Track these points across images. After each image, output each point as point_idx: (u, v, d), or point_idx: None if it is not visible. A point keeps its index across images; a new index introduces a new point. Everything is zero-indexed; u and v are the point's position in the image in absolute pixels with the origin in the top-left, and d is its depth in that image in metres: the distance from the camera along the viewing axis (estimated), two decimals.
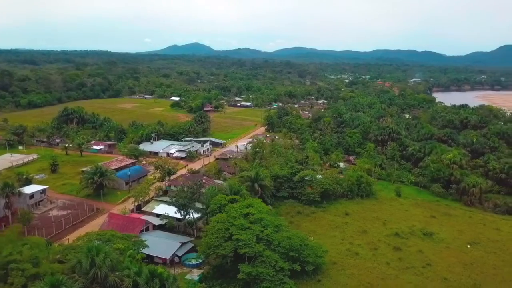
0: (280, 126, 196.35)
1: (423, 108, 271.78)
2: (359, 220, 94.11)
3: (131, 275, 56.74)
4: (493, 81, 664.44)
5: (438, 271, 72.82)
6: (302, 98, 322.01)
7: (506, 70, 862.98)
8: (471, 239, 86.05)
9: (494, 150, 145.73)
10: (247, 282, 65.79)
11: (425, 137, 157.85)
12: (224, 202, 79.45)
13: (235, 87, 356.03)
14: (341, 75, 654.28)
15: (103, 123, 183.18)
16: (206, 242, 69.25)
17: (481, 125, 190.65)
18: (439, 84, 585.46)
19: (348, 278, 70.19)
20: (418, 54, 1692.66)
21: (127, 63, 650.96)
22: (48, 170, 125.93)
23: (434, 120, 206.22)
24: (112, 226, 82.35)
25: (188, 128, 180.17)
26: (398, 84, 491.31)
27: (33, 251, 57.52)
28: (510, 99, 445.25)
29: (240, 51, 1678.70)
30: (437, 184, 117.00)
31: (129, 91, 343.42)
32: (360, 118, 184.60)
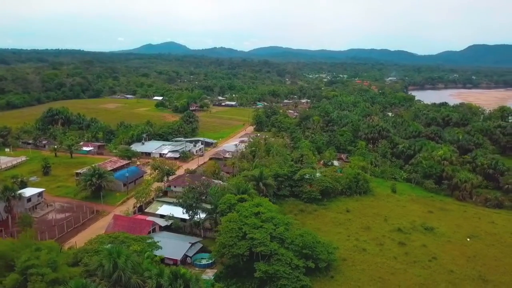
0: (268, 125, 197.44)
1: (404, 107, 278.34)
2: (361, 217, 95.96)
3: (153, 277, 56.57)
4: (465, 80, 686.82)
5: (443, 264, 75.20)
6: (285, 97, 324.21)
7: (476, 69, 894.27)
8: (469, 233, 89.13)
9: (478, 147, 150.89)
10: (263, 280, 66.33)
11: (413, 134, 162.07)
12: (234, 201, 79.67)
13: (218, 86, 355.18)
14: (319, 74, 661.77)
15: (90, 124, 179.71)
16: (221, 241, 69.36)
17: (462, 123, 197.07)
18: (414, 82, 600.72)
19: (360, 273, 71.65)
20: (391, 53, 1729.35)
21: (103, 62, 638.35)
22: (40, 172, 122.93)
23: (417, 118, 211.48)
24: (118, 228, 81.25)
25: (177, 128, 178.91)
26: (376, 83, 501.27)
27: (51, 255, 56.30)
28: (482, 97, 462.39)
29: (216, 50, 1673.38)
30: (429, 180, 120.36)
31: (109, 91, 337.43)
32: (348, 116, 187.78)
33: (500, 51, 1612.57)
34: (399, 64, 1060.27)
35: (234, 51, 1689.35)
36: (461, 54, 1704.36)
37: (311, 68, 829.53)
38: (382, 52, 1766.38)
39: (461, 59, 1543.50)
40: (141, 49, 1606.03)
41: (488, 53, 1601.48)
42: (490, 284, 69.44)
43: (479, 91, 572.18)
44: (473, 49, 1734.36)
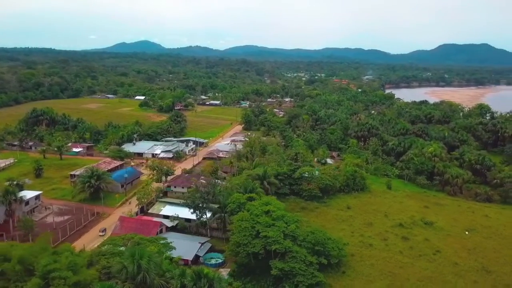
0: (257, 124, 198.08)
1: (385, 105, 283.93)
2: (362, 213, 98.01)
3: (176, 277, 56.54)
4: (438, 78, 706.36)
5: (447, 257, 77.93)
6: (268, 96, 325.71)
7: (447, 68, 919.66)
8: (466, 226, 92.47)
9: (463, 143, 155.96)
10: (278, 277, 67.16)
11: (401, 132, 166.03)
12: (243, 200, 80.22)
13: (200, 86, 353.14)
14: (297, 74, 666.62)
15: (76, 124, 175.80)
16: (235, 240, 69.82)
17: (444, 120, 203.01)
18: (390, 81, 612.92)
19: (369, 268, 73.44)
20: (365, 52, 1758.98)
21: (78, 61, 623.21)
22: (31, 174, 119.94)
23: (401, 116, 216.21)
24: (125, 230, 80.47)
25: (166, 128, 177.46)
26: (354, 82, 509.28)
27: (71, 258, 55.46)
28: (456, 95, 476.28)
29: (192, 49, 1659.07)
30: (422, 177, 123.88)
31: (88, 90, 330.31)
32: (336, 115, 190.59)
33: (469, 50, 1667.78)
34: (374, 63, 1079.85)
35: (210, 50, 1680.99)
36: (432, 53, 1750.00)
37: (288, 67, 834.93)
38: (356, 51, 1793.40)
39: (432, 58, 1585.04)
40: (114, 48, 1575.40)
41: (458, 52, 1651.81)
42: (493, 275, 72.45)
43: (452, 89, 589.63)
44: (444, 48, 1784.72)
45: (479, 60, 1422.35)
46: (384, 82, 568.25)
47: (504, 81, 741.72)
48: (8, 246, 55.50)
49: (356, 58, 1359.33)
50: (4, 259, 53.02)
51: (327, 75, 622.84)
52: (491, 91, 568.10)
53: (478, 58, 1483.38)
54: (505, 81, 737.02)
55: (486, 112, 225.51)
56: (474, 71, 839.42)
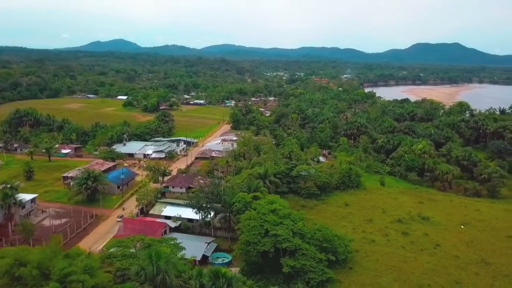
0: (245, 124, 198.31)
1: (367, 103, 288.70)
2: (360, 210, 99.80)
3: (194, 277, 56.57)
4: (414, 77, 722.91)
5: (447, 250, 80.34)
6: (252, 95, 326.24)
7: (422, 66, 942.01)
8: (461, 221, 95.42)
9: (448, 140, 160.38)
10: (288, 275, 67.86)
11: (388, 130, 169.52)
12: (248, 199, 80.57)
13: (182, 85, 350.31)
14: (277, 73, 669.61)
15: (62, 125, 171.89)
16: (245, 239, 70.09)
17: (427, 118, 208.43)
18: (368, 80, 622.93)
19: (375, 263, 75.00)
20: (341, 51, 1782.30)
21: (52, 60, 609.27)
22: (21, 177, 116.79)
23: (385, 114, 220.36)
24: (130, 231, 79.71)
25: (155, 128, 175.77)
26: (334, 81, 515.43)
27: (86, 261, 54.72)
28: (433, 93, 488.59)
29: (169, 47, 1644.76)
30: (413, 173, 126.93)
31: (68, 90, 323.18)
32: (324, 114, 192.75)
33: (441, 49, 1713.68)
34: (350, 61, 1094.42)
35: (187, 49, 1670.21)
36: (406, 52, 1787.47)
37: (267, 66, 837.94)
38: (332, 50, 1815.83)
39: (406, 56, 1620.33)
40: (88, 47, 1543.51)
41: (431, 51, 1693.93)
42: (492, 266, 75.08)
43: (428, 88, 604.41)
44: (417, 47, 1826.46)
45: (451, 59, 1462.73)
46: (362, 80, 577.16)
47: (476, 79, 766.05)
48: (21, 251, 54.24)
49: (332, 57, 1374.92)
50: (19, 264, 51.82)
51: (306, 74, 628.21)
52: (465, 89, 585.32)
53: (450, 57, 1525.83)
54: (477, 80, 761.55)
55: (466, 109, 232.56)
56: (447, 69, 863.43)
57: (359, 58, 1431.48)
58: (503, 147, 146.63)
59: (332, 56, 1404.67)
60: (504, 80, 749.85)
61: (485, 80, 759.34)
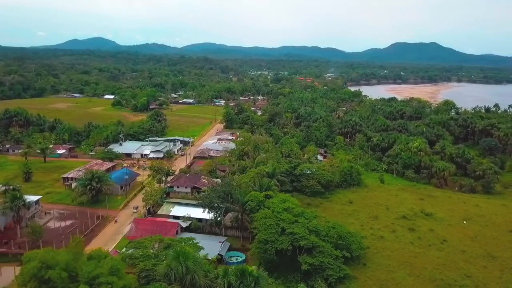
0: (238, 123, 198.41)
1: (354, 102, 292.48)
2: (364, 207, 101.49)
3: (221, 277, 56.78)
4: (395, 76, 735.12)
5: (454, 245, 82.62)
6: (240, 94, 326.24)
7: (401, 65, 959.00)
8: (463, 216, 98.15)
9: (439, 138, 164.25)
10: (306, 272, 68.69)
11: (382, 128, 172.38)
12: (261, 198, 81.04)
13: (169, 84, 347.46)
14: (260, 71, 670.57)
15: (54, 125, 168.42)
16: (262, 238, 70.58)
17: (416, 116, 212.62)
18: (351, 79, 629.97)
19: (387, 259, 76.58)
20: (322, 51, 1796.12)
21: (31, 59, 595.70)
22: (19, 178, 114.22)
23: (374, 113, 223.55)
24: (142, 232, 79.28)
25: (148, 128, 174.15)
26: (318, 80, 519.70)
27: (113, 263, 54.30)
28: (415, 91, 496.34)
29: (149, 46, 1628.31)
30: (410, 170, 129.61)
31: (52, 89, 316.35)
32: (317, 112, 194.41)
33: (419, 48, 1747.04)
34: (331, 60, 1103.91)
35: (168, 47, 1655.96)
36: (385, 51, 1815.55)
37: (250, 65, 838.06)
38: (313, 49, 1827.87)
39: (385, 56, 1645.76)
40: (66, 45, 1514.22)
41: (409, 50, 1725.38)
42: (498, 260, 77.64)
43: (409, 86, 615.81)
44: (396, 46, 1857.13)
45: (429, 58, 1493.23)
46: (346, 79, 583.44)
47: (455, 78, 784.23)
48: (46, 253, 53.40)
49: (313, 56, 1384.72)
50: (46, 266, 51.07)
51: (290, 73, 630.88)
52: (445, 88, 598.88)
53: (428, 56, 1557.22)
54: (456, 78, 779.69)
55: (451, 108, 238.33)
56: (426, 68, 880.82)
57: (340, 57, 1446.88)
58: (493, 145, 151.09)
59: (313, 55, 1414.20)
60: (481, 79, 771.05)
61: (463, 79, 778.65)
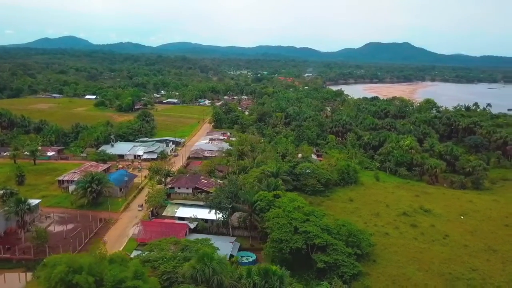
0: (227, 123, 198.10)
1: (337, 101, 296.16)
2: (365, 205, 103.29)
3: (245, 277, 56.94)
4: (371, 75, 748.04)
5: (456, 240, 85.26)
6: (224, 94, 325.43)
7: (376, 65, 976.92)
8: (460, 212, 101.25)
9: (426, 136, 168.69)
10: (320, 270, 69.58)
11: (370, 127, 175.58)
12: (271, 198, 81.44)
13: (151, 84, 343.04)
14: (240, 71, 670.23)
15: (39, 126, 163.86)
16: (277, 237, 71.03)
17: (400, 115, 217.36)
18: (329, 78, 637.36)
19: (394, 255, 78.30)
20: (297, 50, 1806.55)
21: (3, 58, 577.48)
22: (11, 181, 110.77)
23: (359, 112, 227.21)
24: (152, 234, 78.51)
25: (138, 128, 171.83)
26: (298, 79, 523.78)
27: (137, 267, 53.67)
28: (393, 90, 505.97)
29: (123, 45, 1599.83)
30: (402, 168, 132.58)
31: (29, 90, 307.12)
32: (306, 112, 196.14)
33: (392, 48, 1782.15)
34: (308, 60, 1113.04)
35: (143, 47, 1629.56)
36: (359, 51, 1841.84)
37: (228, 64, 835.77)
38: (289, 48, 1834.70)
39: (359, 55, 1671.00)
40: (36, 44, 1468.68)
41: (383, 50, 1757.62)
42: (499, 253, 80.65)
43: (386, 85, 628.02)
44: (370, 46, 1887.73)
45: (402, 57, 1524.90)
46: (324, 79, 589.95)
47: (429, 77, 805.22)
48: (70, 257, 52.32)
49: (289, 55, 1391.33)
50: (73, 271, 50.02)
51: (269, 72, 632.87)
52: (420, 87, 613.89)
53: (401, 56, 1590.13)
54: (430, 78, 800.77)
55: (433, 106, 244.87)
56: (401, 68, 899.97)
57: (315, 57, 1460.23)
58: (479, 142, 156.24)
59: (289, 55, 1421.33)
60: (454, 78, 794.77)
61: (437, 78, 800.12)
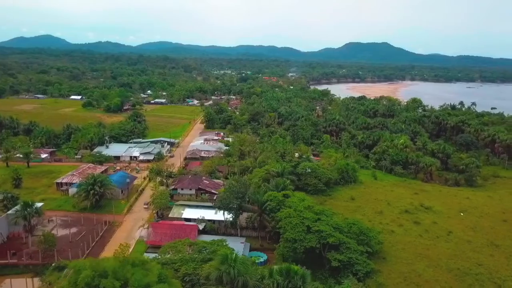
0: (219, 123, 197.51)
1: (324, 101, 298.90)
2: (367, 203, 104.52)
3: (267, 277, 57.11)
4: (353, 75, 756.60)
5: (459, 236, 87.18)
6: (212, 94, 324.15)
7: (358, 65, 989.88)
8: (458, 209, 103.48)
9: (417, 135, 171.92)
10: (333, 269, 70.31)
11: (363, 126, 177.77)
12: (281, 198, 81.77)
13: (137, 84, 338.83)
14: (223, 71, 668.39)
15: (29, 128, 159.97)
16: (291, 237, 71.40)
17: (389, 114, 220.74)
18: (312, 78, 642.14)
19: (402, 252, 79.52)
20: (279, 50, 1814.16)
21: None
22: (7, 184, 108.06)
23: (348, 111, 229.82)
24: (161, 236, 78.03)
25: (130, 129, 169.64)
26: (282, 79, 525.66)
27: (161, 270, 53.23)
28: (375, 89, 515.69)
29: (102, 44, 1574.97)
30: (398, 166, 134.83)
31: (11, 90, 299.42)
32: (298, 111, 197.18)
33: (371, 48, 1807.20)
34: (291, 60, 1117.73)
35: (122, 46, 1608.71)
36: (339, 51, 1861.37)
37: (211, 64, 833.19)
38: (270, 48, 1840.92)
39: (340, 55, 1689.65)
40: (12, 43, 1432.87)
41: (362, 50, 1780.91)
42: (501, 248, 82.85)
43: (368, 85, 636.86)
44: (349, 46, 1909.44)
45: (381, 57, 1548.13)
46: (308, 79, 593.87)
47: (409, 77, 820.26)
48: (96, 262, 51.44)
49: (271, 55, 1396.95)
50: (99, 275, 49.19)
51: (253, 72, 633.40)
52: (401, 86, 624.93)
53: (380, 56, 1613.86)
54: (409, 77, 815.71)
55: (419, 105, 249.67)
56: (382, 68, 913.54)
57: (297, 57, 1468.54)
58: (470, 140, 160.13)
59: (271, 55, 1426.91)
60: (433, 77, 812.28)
61: (417, 78, 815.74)
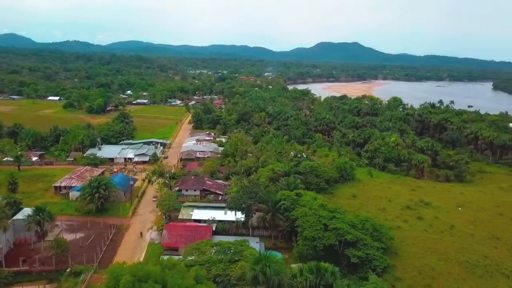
0: (207, 123, 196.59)
1: (306, 100, 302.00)
2: (368, 200, 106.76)
3: (298, 275, 57.85)
4: (327, 74, 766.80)
5: (462, 230, 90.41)
6: (193, 94, 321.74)
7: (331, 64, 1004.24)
8: (456, 203, 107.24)
9: (403, 132, 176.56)
10: (352, 265, 71.74)
11: (352, 125, 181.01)
12: (294, 197, 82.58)
13: (116, 84, 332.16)
14: (200, 70, 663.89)
15: (14, 130, 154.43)
16: (310, 235, 72.39)
17: (372, 113, 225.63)
18: (288, 77, 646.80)
19: (412, 247, 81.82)
20: (251, 49, 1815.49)
21: None
22: (3, 189, 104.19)
23: (332, 110, 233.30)
24: (177, 238, 77.51)
25: (119, 131, 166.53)
26: (260, 78, 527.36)
27: (197, 272, 53.09)
28: (350, 89, 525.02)
29: (70, 43, 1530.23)
30: (391, 164, 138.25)
31: None
32: (287, 111, 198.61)
33: (343, 48, 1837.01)
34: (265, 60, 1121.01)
35: (91, 45, 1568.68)
36: (311, 50, 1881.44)
37: (186, 63, 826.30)
38: (242, 48, 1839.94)
39: (312, 55, 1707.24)
40: None
41: (334, 50, 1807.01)
42: (502, 240, 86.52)
43: (342, 84, 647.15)
44: (321, 46, 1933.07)
45: (352, 57, 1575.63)
46: (285, 78, 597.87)
47: (381, 76, 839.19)
48: (135, 266, 50.72)
49: (243, 55, 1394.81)
50: (139, 280, 48.50)
51: (229, 72, 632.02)
52: (375, 85, 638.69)
53: (351, 55, 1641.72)
54: (382, 76, 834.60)
55: (399, 104, 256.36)
56: (354, 67, 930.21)
57: (269, 56, 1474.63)
58: (455, 137, 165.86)
59: (243, 54, 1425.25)
60: (404, 77, 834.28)
61: (388, 77, 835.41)
